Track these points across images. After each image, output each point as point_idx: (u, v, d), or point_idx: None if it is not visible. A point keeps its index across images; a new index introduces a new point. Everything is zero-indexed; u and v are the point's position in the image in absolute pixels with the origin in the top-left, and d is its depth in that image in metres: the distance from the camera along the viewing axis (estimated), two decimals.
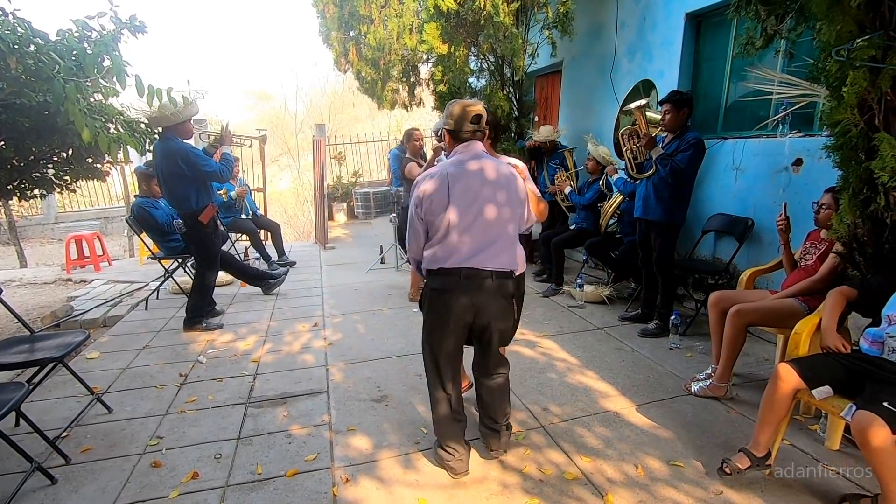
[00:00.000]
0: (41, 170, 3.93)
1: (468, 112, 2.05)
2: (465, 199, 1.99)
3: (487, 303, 2.02)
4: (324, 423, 2.61)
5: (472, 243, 2.00)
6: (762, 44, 3.00)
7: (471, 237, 2.00)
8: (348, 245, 7.60)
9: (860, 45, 2.01)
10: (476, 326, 2.08)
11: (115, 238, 10.02)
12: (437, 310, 2.07)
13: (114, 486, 2.13)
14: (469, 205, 1.99)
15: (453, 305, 2.02)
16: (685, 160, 3.34)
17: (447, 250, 2.01)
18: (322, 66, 26.25)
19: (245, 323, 4.18)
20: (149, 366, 3.36)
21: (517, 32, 5.03)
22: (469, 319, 2.05)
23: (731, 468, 2.05)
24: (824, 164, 3.00)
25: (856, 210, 2.22)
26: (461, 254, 2.00)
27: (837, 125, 2.19)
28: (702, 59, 4.29)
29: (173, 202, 3.86)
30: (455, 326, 2.05)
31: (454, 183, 1.99)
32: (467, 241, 2.00)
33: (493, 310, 2.04)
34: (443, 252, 2.02)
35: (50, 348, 2.52)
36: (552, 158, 5.18)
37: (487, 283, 2.01)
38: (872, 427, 1.65)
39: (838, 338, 2.11)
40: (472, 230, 1.99)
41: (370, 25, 7.91)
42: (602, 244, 4.56)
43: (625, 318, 4.00)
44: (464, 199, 1.99)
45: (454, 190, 1.99)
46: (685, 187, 3.49)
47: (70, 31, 2.96)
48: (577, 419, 2.60)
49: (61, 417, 2.66)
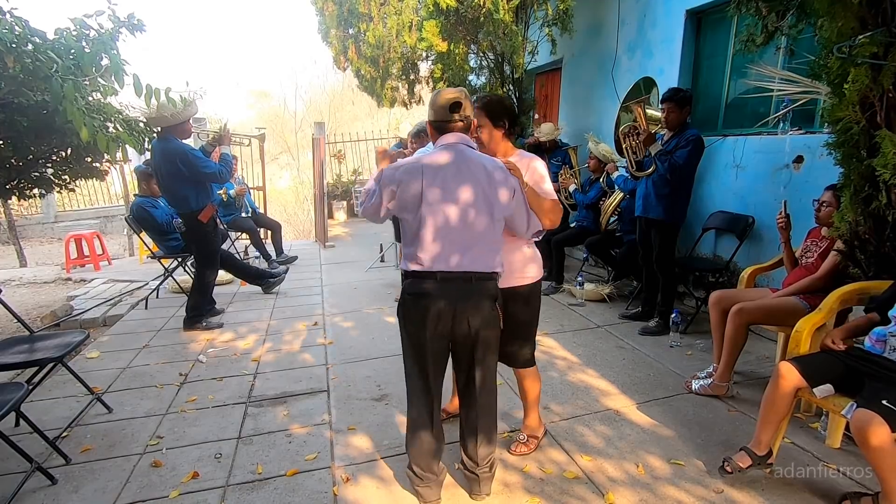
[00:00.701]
0: (40, 169, 3.92)
1: (444, 100, 1.85)
2: (438, 194, 1.79)
3: (466, 308, 1.81)
4: (324, 423, 2.60)
5: (448, 244, 1.81)
6: (763, 41, 3.00)
7: (447, 238, 1.80)
8: (348, 243, 7.60)
9: (862, 42, 2.01)
10: (456, 336, 1.86)
11: (114, 237, 10.01)
12: (412, 317, 1.87)
13: (114, 486, 2.13)
14: (444, 202, 1.79)
15: (430, 310, 1.81)
16: (683, 157, 3.33)
17: (422, 251, 1.82)
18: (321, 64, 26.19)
19: (245, 322, 4.18)
20: (149, 365, 3.36)
21: (517, 30, 5.02)
22: (447, 328, 1.83)
23: (733, 467, 2.05)
24: (825, 161, 2.99)
25: (857, 208, 2.22)
26: (436, 255, 1.81)
27: (839, 122, 2.18)
28: (702, 56, 4.28)
29: (172, 202, 3.86)
30: (432, 335, 1.84)
31: (430, 176, 1.79)
32: (442, 241, 1.81)
33: (474, 315, 1.83)
34: (418, 252, 1.82)
35: (49, 348, 2.51)
36: (553, 156, 5.17)
37: (467, 286, 1.82)
38: (872, 425, 1.65)
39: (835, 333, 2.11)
40: (447, 230, 1.80)
41: (369, 23, 7.89)
42: (602, 242, 4.55)
43: (625, 316, 3.99)
44: (437, 195, 1.79)
45: (428, 184, 1.79)
46: (685, 185, 3.49)
47: (68, 30, 2.94)
48: (577, 418, 2.60)
49: (61, 417, 2.66)
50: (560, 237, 4.77)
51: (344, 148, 10.37)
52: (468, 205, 1.81)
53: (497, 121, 2.08)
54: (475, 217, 1.81)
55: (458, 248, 1.81)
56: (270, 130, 16.12)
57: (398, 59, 7.86)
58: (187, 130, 3.77)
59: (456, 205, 1.80)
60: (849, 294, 2.31)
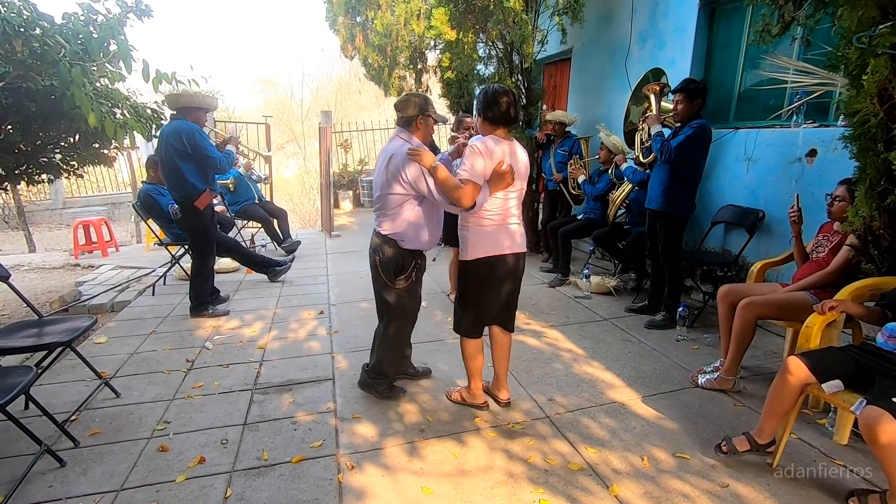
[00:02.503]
0: (48, 155, 3.93)
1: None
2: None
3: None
4: (329, 411, 2.62)
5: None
6: (779, 31, 2.93)
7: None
8: (354, 233, 7.60)
9: (882, 32, 1.96)
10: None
11: (121, 224, 10.07)
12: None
13: (122, 470, 2.15)
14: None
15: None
16: (678, 142, 3.32)
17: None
18: (328, 52, 26.03)
19: (251, 310, 4.20)
20: (156, 351, 3.38)
21: (527, 18, 4.94)
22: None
23: (729, 448, 2.09)
24: (838, 155, 2.95)
25: (872, 202, 2.18)
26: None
27: (856, 115, 2.14)
28: (715, 46, 4.21)
29: (171, 183, 3.80)
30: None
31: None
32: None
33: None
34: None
35: (58, 332, 2.53)
36: (560, 146, 5.12)
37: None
38: (881, 422, 1.64)
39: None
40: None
41: (377, 11, 7.80)
42: (610, 235, 4.52)
43: (631, 310, 3.98)
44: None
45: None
46: (685, 176, 3.44)
47: (76, 15, 2.94)
48: (582, 410, 2.60)
49: (70, 401, 2.69)
50: (567, 229, 4.74)
51: (350, 137, 10.33)
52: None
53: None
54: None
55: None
56: (277, 119, 16.07)
57: (406, 48, 7.79)
58: (201, 119, 3.79)
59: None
60: (861, 289, 2.28)
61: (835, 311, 2.15)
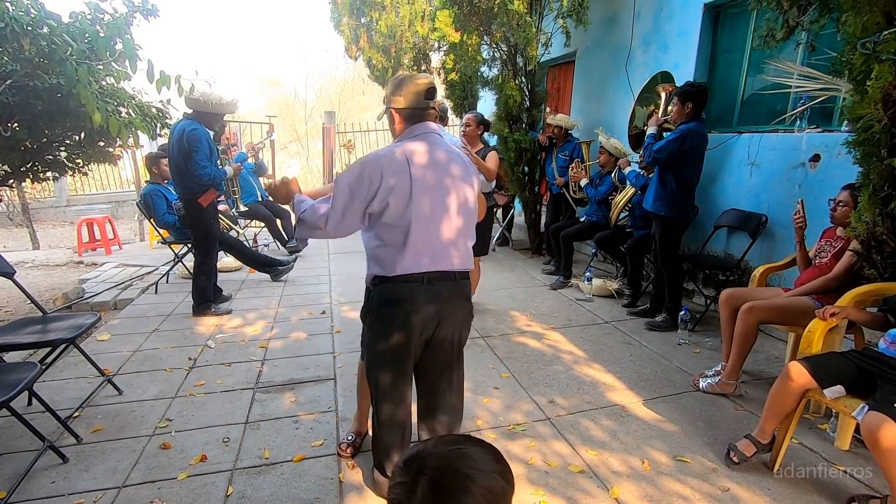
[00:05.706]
0: (53, 152, 3.96)
1: (422, 85, 1.75)
2: (429, 187, 1.70)
3: (453, 311, 1.79)
4: (330, 410, 2.62)
5: (438, 241, 1.74)
6: (783, 35, 2.94)
7: (437, 236, 1.73)
8: (356, 234, 7.59)
9: (887, 38, 1.96)
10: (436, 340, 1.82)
11: (125, 222, 10.10)
12: (394, 324, 1.81)
13: (124, 467, 2.16)
14: (434, 195, 1.71)
15: (416, 317, 1.75)
16: (659, 146, 3.35)
17: (409, 250, 1.75)
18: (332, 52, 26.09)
19: (253, 309, 4.21)
20: (158, 349, 3.39)
21: (531, 21, 4.96)
22: (429, 334, 1.80)
23: (739, 457, 2.09)
24: (842, 160, 2.94)
25: (875, 208, 2.18)
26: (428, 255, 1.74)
27: (860, 120, 2.14)
28: (719, 50, 4.21)
29: (176, 179, 3.80)
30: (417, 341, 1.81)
31: (418, 168, 1.69)
32: (433, 239, 1.73)
33: (458, 318, 1.82)
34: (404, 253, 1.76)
35: (62, 329, 2.55)
36: (562, 149, 5.13)
37: (452, 286, 1.78)
38: (883, 428, 1.64)
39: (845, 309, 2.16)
40: (438, 227, 1.73)
41: (382, 12, 7.83)
42: (612, 238, 4.52)
43: (633, 313, 3.98)
44: (428, 188, 1.70)
45: (417, 176, 1.68)
46: (677, 179, 3.42)
47: (83, 14, 2.96)
48: (583, 412, 2.60)
49: (72, 398, 2.70)
50: (569, 231, 4.75)
51: (354, 138, 10.35)
52: (453, 197, 1.75)
53: None
54: (459, 210, 1.76)
55: (448, 245, 1.76)
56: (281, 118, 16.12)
57: (410, 50, 7.81)
58: (213, 122, 3.80)
59: (445, 198, 1.73)
60: (864, 295, 2.28)
61: (837, 318, 2.15)
